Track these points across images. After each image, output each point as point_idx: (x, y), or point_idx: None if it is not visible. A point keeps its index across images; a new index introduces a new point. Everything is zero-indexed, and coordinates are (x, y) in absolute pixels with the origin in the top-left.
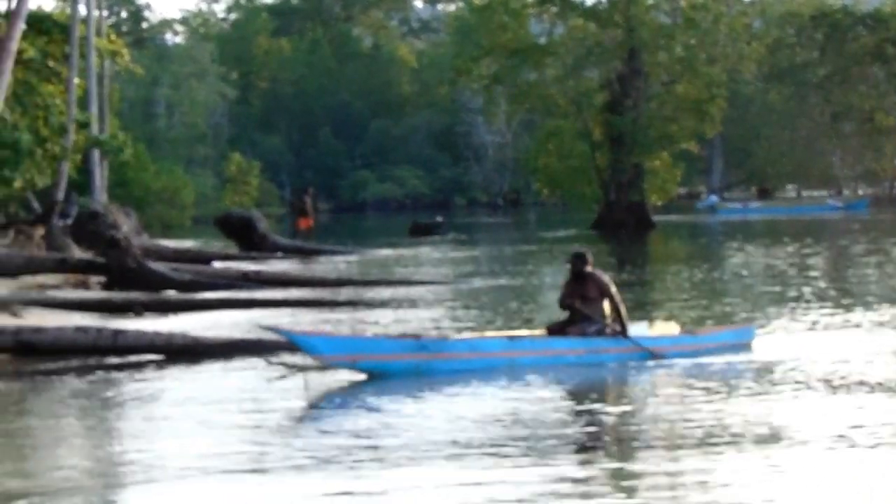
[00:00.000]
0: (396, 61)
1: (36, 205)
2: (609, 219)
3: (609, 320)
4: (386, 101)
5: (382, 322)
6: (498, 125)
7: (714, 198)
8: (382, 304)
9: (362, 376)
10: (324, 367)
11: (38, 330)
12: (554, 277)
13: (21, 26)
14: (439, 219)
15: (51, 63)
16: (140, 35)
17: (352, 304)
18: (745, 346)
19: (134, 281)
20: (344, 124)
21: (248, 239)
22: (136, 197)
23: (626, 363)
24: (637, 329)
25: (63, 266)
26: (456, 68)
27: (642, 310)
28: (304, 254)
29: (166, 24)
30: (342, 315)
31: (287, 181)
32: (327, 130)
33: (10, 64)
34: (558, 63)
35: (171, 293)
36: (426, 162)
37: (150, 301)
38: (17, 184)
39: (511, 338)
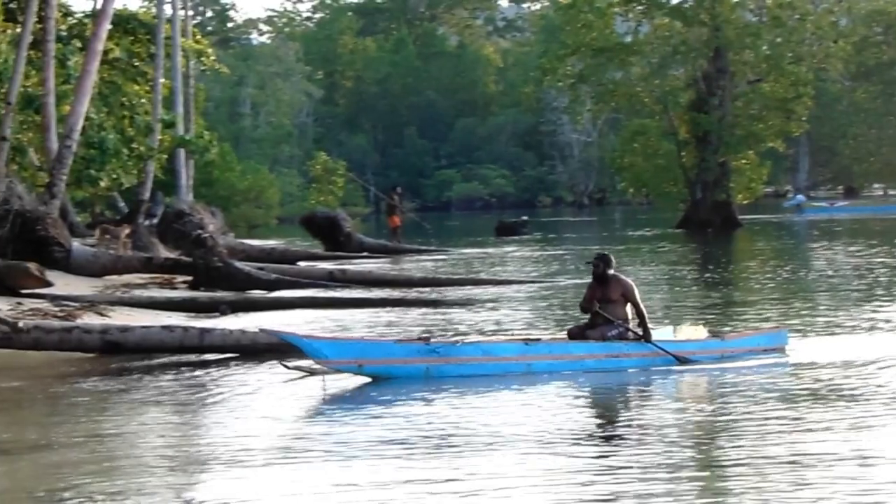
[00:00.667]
0: (482, 60)
1: (122, 204)
2: (695, 218)
3: (632, 324)
4: (471, 100)
5: (467, 321)
6: (583, 124)
7: (800, 197)
8: (468, 303)
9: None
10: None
11: (124, 329)
12: (638, 276)
13: (107, 26)
14: (524, 218)
15: (136, 63)
16: (225, 35)
17: (437, 303)
18: (777, 351)
19: (220, 280)
20: (429, 123)
21: (333, 238)
22: (221, 196)
23: (649, 368)
24: (662, 333)
25: (149, 266)
26: (541, 67)
27: (727, 309)
28: (389, 253)
29: (251, 24)
30: (427, 314)
31: (372, 180)
32: (412, 130)
33: (96, 64)
34: (644, 62)
35: (257, 292)
36: (511, 161)
37: (236, 300)
38: (104, 183)
39: (527, 342)
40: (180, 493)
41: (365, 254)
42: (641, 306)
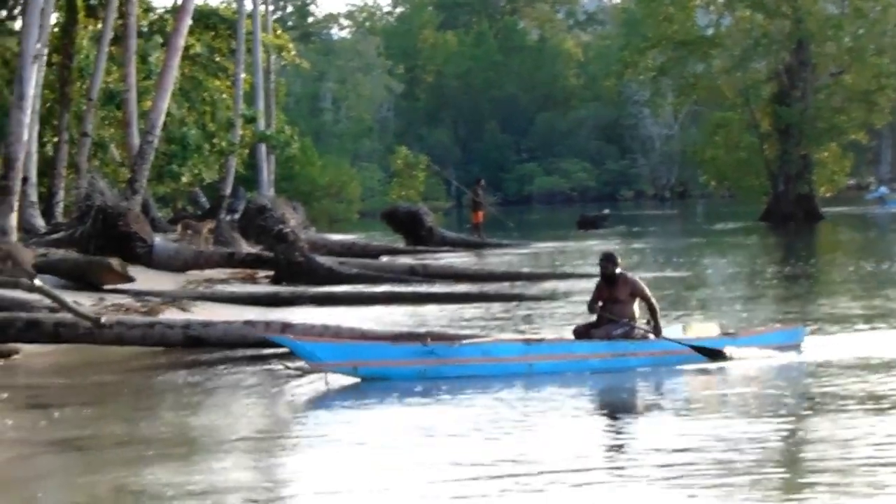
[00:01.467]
0: (562, 54)
1: (204, 200)
2: (777, 211)
3: (641, 322)
4: (552, 93)
5: (549, 315)
6: (665, 117)
7: (883, 189)
8: (550, 297)
9: None
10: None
11: (206, 324)
12: (722, 270)
13: (188, 22)
14: (606, 211)
15: (217, 58)
16: (306, 30)
17: (519, 297)
18: (792, 348)
19: (301, 275)
20: (510, 117)
21: (414, 233)
22: (302, 191)
23: (657, 367)
24: (671, 332)
25: (231, 260)
26: (622, 60)
27: (806, 303)
28: (471, 247)
29: (332, 19)
30: (509, 309)
31: (453, 175)
32: (494, 124)
33: (177, 60)
34: (725, 54)
35: (339, 287)
36: (592, 154)
37: (318, 295)
38: (185, 179)
39: (528, 342)
40: (268, 487)
41: (446, 248)
42: (653, 300)
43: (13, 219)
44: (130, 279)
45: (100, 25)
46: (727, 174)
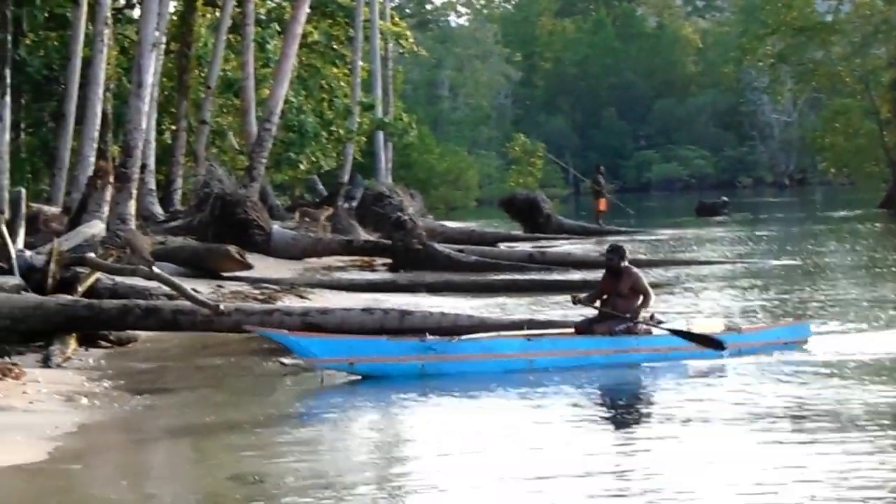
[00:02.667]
0: (680, 41)
1: (321, 187)
2: None
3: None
4: (670, 80)
5: (667, 302)
6: (784, 104)
7: None
8: (668, 284)
9: None
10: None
11: (324, 312)
12: (841, 258)
13: (306, 9)
14: (724, 198)
15: (335, 46)
16: (423, 17)
17: None
18: (798, 344)
19: (419, 262)
20: (628, 104)
21: (532, 220)
22: (420, 179)
23: (661, 363)
24: (674, 327)
25: (349, 248)
26: (741, 47)
27: None
28: (589, 235)
29: (450, 6)
30: None
31: (571, 162)
32: (611, 111)
33: (295, 47)
34: (845, 41)
35: (457, 274)
36: (711, 141)
37: (436, 282)
38: (303, 166)
39: (529, 337)
40: (385, 474)
41: (564, 235)
42: (650, 296)
43: (132, 206)
44: (249, 266)
45: (218, 13)
46: (846, 161)
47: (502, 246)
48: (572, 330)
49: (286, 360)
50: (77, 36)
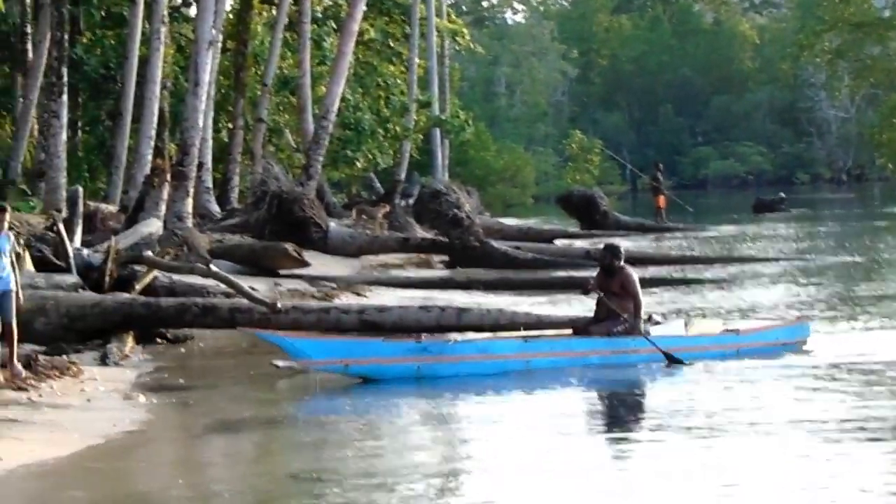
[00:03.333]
0: (738, 37)
1: (378, 185)
2: None
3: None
4: (727, 77)
5: (725, 298)
6: (841, 100)
7: None
8: (725, 281)
9: None
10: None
11: (382, 309)
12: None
13: (362, 7)
14: (782, 195)
15: (392, 43)
16: (480, 14)
17: (694, 281)
18: (797, 345)
19: (476, 259)
20: (685, 101)
21: (589, 217)
22: (477, 176)
23: (661, 363)
24: (673, 328)
25: (406, 245)
26: (798, 43)
27: None
28: (646, 231)
29: (506, 3)
30: (685, 293)
31: (628, 158)
32: (668, 107)
33: (351, 45)
34: None
35: (514, 272)
36: (768, 138)
37: (493, 280)
38: (360, 164)
39: (525, 338)
40: (443, 469)
41: (622, 232)
42: (639, 298)
43: (189, 204)
44: (306, 264)
45: (274, 11)
46: None
47: (559, 243)
48: (570, 331)
49: (280, 363)
50: (134, 34)
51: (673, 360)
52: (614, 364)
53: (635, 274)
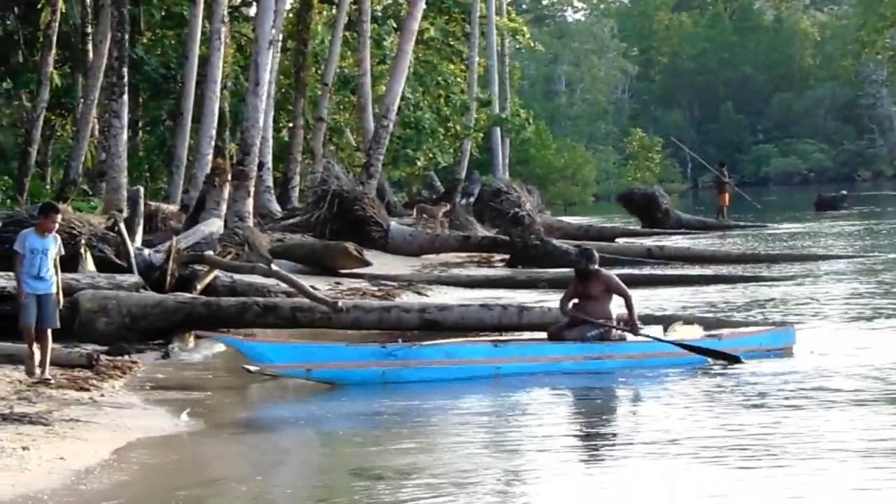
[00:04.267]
0: (798, 34)
1: (439, 183)
2: None
3: (617, 322)
4: (788, 74)
5: (786, 297)
6: None
7: None
8: (787, 279)
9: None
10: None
11: (443, 308)
12: None
13: (422, 6)
14: (843, 192)
15: (452, 42)
16: (540, 13)
17: (756, 279)
18: (782, 351)
19: (537, 258)
20: (745, 98)
21: (650, 215)
22: (537, 174)
23: (633, 370)
24: (650, 333)
25: (466, 244)
26: (859, 40)
27: None
28: (708, 229)
29: (566, 1)
30: (745, 291)
31: (688, 157)
32: (729, 105)
33: (411, 44)
34: None
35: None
36: (829, 135)
37: (554, 278)
38: (420, 163)
39: (495, 343)
40: (497, 469)
41: (683, 230)
42: (629, 296)
43: (249, 204)
44: (367, 263)
45: (334, 10)
46: None
47: (620, 241)
48: (544, 335)
49: (252, 367)
50: (194, 34)
51: (727, 358)
52: (589, 371)
53: (614, 276)
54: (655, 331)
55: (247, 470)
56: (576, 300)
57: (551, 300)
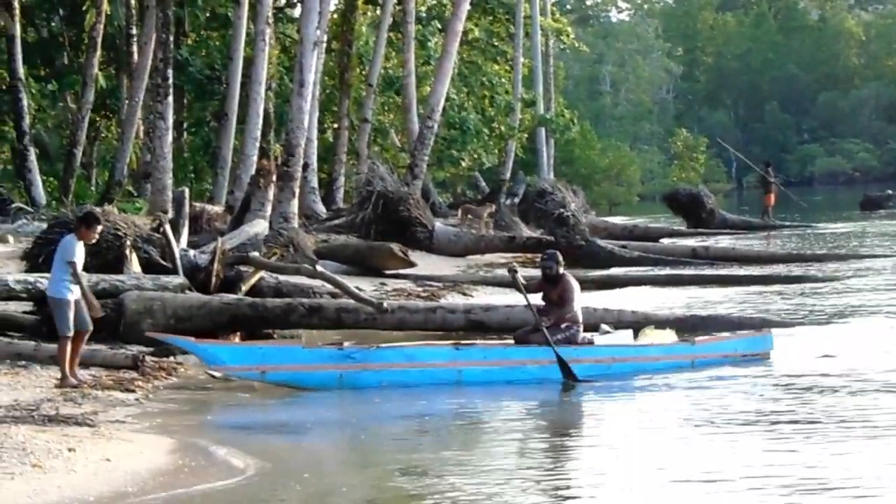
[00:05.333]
0: (843, 33)
1: (483, 184)
2: None
3: (580, 326)
4: (833, 73)
5: (830, 296)
6: None
7: None
8: (833, 279)
9: None
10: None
11: (488, 308)
12: None
13: (466, 7)
14: (889, 192)
15: (496, 43)
16: (584, 13)
17: (800, 279)
18: (758, 357)
19: (582, 258)
20: (790, 98)
21: (695, 215)
22: (582, 174)
23: (597, 376)
24: (620, 337)
25: (511, 245)
26: None
27: None
28: (753, 229)
29: (610, 1)
30: (790, 290)
31: (733, 157)
32: (774, 104)
33: (456, 44)
34: None
35: (620, 270)
36: (874, 135)
37: (599, 278)
38: (465, 163)
39: (457, 345)
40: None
41: (728, 230)
42: (574, 306)
43: (294, 205)
44: (412, 264)
45: (378, 11)
46: None
47: (665, 242)
48: (511, 340)
49: (217, 373)
50: (239, 35)
51: (568, 375)
52: (554, 376)
53: (575, 282)
54: (626, 333)
55: (296, 466)
56: (543, 304)
57: (598, 301)
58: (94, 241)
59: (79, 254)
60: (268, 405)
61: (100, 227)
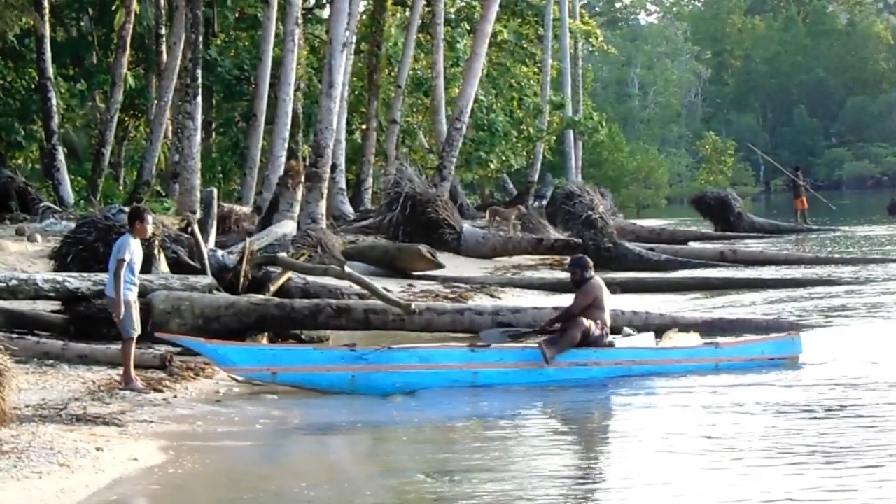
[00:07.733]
0: (872, 37)
1: (511, 186)
2: None
3: (605, 330)
4: (862, 77)
5: (861, 300)
6: None
7: None
8: (861, 282)
9: None
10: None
11: (516, 311)
12: None
13: (495, 8)
14: None
15: (525, 45)
16: (613, 15)
17: (830, 283)
18: (787, 361)
19: (610, 261)
20: (819, 102)
21: (723, 218)
22: (610, 177)
23: (617, 378)
24: (643, 339)
25: (539, 247)
26: None
27: None
28: (781, 233)
29: (639, 4)
30: (820, 293)
31: (761, 160)
32: (802, 108)
33: (485, 46)
34: None
35: (648, 273)
36: None
37: (627, 281)
38: (493, 165)
39: (472, 347)
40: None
41: (756, 234)
42: (575, 311)
43: (322, 206)
44: (440, 266)
45: (407, 13)
46: None
47: (693, 245)
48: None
49: (238, 376)
50: (268, 36)
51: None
52: (574, 378)
53: (595, 287)
54: (648, 336)
55: (319, 472)
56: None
57: (626, 303)
58: (149, 234)
59: (135, 251)
60: (297, 406)
61: (151, 219)
